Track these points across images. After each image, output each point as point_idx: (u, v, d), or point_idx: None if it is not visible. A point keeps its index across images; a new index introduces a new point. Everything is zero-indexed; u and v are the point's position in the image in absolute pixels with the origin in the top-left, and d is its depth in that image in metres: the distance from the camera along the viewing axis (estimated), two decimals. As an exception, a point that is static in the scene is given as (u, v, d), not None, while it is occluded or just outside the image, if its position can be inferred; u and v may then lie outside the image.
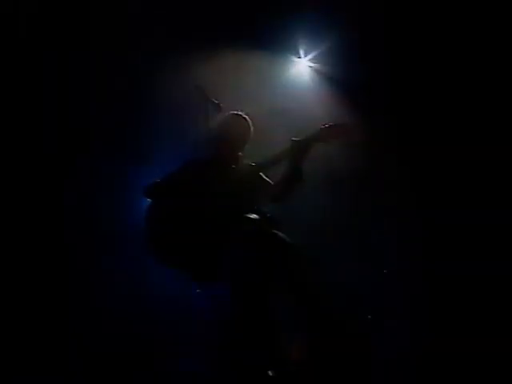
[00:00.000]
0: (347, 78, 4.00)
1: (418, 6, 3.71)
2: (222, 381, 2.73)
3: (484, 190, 3.64)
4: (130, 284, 3.55)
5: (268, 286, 2.66)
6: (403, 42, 3.82)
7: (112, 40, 3.68)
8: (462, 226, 3.56)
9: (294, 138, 2.75)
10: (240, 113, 3.04)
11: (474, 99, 3.75)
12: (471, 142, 3.66)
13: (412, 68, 3.85)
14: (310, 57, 4.13)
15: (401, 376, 2.83)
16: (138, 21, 3.70)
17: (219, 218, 2.77)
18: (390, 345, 3.01)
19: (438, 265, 3.55)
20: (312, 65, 4.18)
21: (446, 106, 3.81)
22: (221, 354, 2.78)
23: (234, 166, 2.97)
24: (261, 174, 2.95)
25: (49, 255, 3.55)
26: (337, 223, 3.76)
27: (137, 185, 3.09)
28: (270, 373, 2.51)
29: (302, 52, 4.12)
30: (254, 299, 2.61)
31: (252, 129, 3.03)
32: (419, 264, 3.58)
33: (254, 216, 2.76)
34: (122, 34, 3.68)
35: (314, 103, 3.95)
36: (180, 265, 2.79)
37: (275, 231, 2.76)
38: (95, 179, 3.69)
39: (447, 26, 3.71)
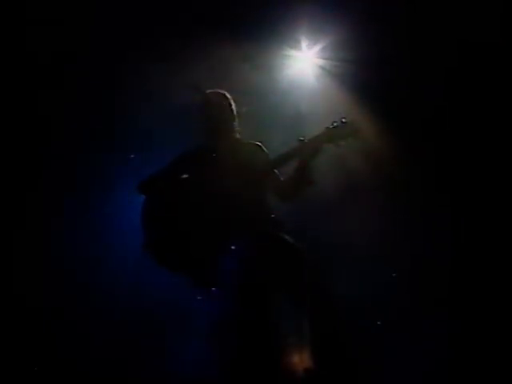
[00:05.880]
0: (358, 76, 3.85)
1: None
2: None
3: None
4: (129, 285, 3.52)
5: (269, 290, 2.62)
6: (427, 32, 3.67)
7: (107, 37, 3.64)
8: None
9: (301, 138, 2.66)
10: (208, 91, 2.97)
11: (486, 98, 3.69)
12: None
13: (436, 66, 3.74)
14: (314, 51, 3.95)
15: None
16: (136, 17, 3.64)
17: (219, 216, 2.67)
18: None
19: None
20: (317, 61, 4.01)
21: (466, 103, 3.74)
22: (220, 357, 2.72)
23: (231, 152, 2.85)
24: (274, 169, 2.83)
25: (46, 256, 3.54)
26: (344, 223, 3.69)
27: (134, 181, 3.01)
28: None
29: (305, 46, 3.94)
30: (254, 303, 2.57)
31: (226, 100, 2.93)
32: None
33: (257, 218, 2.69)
34: (119, 30, 3.63)
35: (320, 105, 3.80)
36: (178, 268, 2.71)
37: (279, 233, 2.71)
38: (92, 177, 3.67)
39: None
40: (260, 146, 2.91)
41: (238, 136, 2.95)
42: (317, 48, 3.93)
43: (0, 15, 3.49)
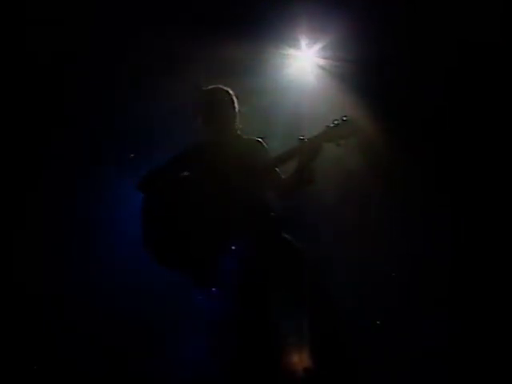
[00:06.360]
0: (357, 75, 3.82)
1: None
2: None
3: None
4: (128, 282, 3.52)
5: (269, 290, 2.63)
6: (427, 32, 3.65)
7: (107, 37, 3.64)
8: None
9: (301, 137, 2.65)
10: (210, 86, 2.95)
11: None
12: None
13: (436, 66, 3.72)
14: (314, 50, 3.91)
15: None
16: (137, 17, 3.64)
17: (219, 216, 2.68)
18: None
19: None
20: (317, 60, 3.97)
21: (465, 103, 3.73)
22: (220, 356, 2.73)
23: (232, 149, 2.85)
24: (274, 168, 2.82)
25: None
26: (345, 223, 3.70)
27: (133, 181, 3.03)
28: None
29: (304, 45, 3.89)
30: (254, 303, 2.58)
31: (228, 96, 2.92)
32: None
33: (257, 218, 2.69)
34: (119, 30, 3.63)
35: (320, 104, 3.76)
36: (178, 268, 2.71)
37: (279, 233, 2.72)
38: (92, 177, 3.69)
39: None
40: (260, 142, 2.91)
41: (238, 132, 2.95)
42: (316, 47, 3.89)
43: (0, 15, 3.49)
